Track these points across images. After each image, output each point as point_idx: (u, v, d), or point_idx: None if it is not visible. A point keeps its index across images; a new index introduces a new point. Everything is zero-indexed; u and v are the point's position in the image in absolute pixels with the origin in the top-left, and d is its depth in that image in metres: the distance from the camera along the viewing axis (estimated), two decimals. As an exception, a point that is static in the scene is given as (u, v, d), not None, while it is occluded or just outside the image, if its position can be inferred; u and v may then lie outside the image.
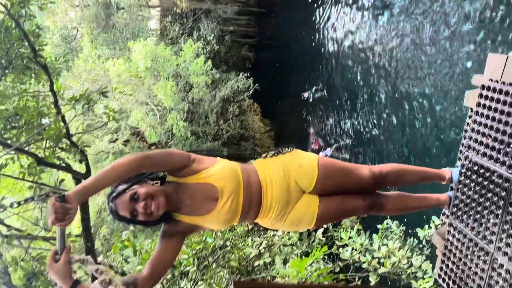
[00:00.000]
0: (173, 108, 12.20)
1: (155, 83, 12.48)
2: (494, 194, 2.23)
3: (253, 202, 2.04)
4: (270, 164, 2.12)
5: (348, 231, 4.73)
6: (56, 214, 1.55)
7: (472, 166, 2.38)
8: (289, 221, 2.12)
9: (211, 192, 1.96)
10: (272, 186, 2.05)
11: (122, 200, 1.84)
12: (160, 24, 16.56)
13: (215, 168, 1.99)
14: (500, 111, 2.19)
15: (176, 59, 12.83)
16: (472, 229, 2.37)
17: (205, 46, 14.39)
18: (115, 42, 14.34)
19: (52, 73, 5.74)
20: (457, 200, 2.50)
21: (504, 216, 2.16)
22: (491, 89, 2.25)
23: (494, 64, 2.24)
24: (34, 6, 6.14)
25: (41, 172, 4.89)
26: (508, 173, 2.14)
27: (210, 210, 1.97)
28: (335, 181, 2.16)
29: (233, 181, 1.98)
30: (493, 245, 2.22)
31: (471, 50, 7.03)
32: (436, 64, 7.89)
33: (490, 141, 2.26)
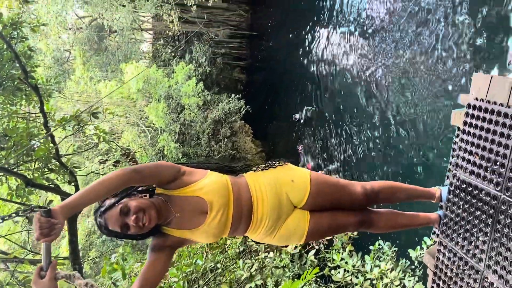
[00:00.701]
0: (165, 129, 12.20)
1: (146, 104, 12.51)
2: (482, 212, 2.24)
3: (243, 216, 2.02)
4: (262, 178, 2.10)
5: (340, 252, 4.71)
6: (41, 229, 1.51)
7: (461, 184, 2.40)
8: (279, 236, 2.11)
9: (200, 205, 1.95)
10: (263, 200, 2.04)
11: (112, 214, 1.80)
12: (152, 47, 16.73)
13: (205, 181, 1.98)
14: (486, 129, 2.23)
15: (168, 81, 12.91)
16: (462, 248, 2.37)
17: (197, 68, 14.52)
18: (107, 65, 14.41)
19: (43, 94, 5.73)
20: (446, 219, 2.51)
21: (493, 234, 2.17)
22: (477, 108, 2.29)
23: (479, 83, 2.29)
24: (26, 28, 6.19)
25: (30, 193, 4.83)
26: (496, 190, 2.16)
27: (199, 224, 1.95)
28: (327, 197, 2.16)
29: (223, 195, 1.96)
30: (483, 263, 2.22)
31: (457, 72, 7.19)
32: (424, 84, 8.04)
33: (477, 159, 2.29)
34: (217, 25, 17.20)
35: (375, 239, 4.92)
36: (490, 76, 2.22)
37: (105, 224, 1.83)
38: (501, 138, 2.14)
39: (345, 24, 11.55)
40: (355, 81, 10.69)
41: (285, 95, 15.09)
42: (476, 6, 6.82)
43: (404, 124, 8.58)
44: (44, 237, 1.52)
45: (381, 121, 9.38)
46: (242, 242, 5.15)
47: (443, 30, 7.59)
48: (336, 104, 11.66)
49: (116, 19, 13.39)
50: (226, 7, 17.46)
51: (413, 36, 8.45)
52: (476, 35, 6.81)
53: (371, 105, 9.83)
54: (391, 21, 9.29)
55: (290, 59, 14.94)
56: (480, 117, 2.27)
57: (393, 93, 9.03)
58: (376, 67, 9.81)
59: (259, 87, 17.05)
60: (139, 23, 16.06)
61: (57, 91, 10.37)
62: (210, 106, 14.21)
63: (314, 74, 13.19)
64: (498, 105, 2.15)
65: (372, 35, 10.10)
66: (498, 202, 2.15)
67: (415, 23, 8.40)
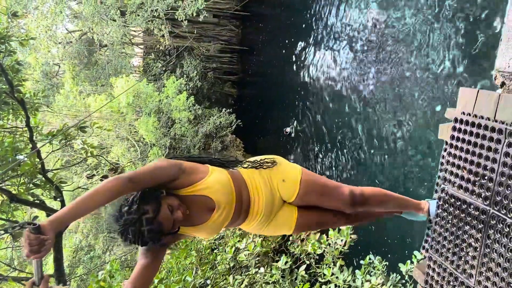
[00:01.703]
0: (155, 144, 12.12)
1: (136, 118, 12.44)
2: (471, 227, 2.22)
3: (243, 212, 2.15)
4: (257, 176, 2.21)
5: (331, 267, 4.66)
6: (31, 246, 1.48)
7: (449, 199, 2.39)
8: (269, 228, 2.27)
9: (207, 203, 2.00)
10: (259, 197, 2.16)
11: (164, 216, 1.83)
12: (143, 61, 16.73)
13: (209, 179, 2.02)
14: (474, 143, 2.22)
15: (159, 95, 12.88)
16: (451, 263, 2.35)
17: (187, 83, 14.53)
18: (97, 79, 14.36)
19: (30, 108, 5.66)
20: (435, 233, 2.49)
21: (482, 249, 2.15)
22: (463, 122, 2.29)
23: (466, 98, 2.29)
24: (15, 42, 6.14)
25: (15, 210, 4.73)
26: (484, 205, 2.15)
27: (205, 221, 2.01)
28: (313, 198, 2.27)
29: (227, 193, 2.04)
30: (473, 279, 2.19)
31: (443, 87, 7.27)
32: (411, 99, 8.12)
33: (465, 173, 2.28)
34: (208, 40, 17.29)
35: (366, 253, 4.88)
36: (477, 90, 2.22)
37: (158, 228, 1.80)
38: (488, 152, 2.13)
39: (334, 40, 11.71)
40: (344, 96, 10.79)
41: (276, 109, 15.14)
42: (462, 24, 6.94)
43: (392, 138, 8.63)
44: (34, 254, 1.49)
45: (370, 135, 9.43)
46: (232, 258, 5.09)
47: (429, 47, 7.70)
48: (326, 118, 11.73)
49: (107, 33, 13.40)
50: (217, 22, 17.58)
51: (401, 53, 8.57)
52: (462, 51, 6.92)
53: (360, 119, 9.90)
54: (379, 38, 9.43)
55: (281, 74, 15.03)
56: (467, 131, 2.26)
57: (382, 108, 9.11)
58: (364, 82, 9.92)
59: (250, 101, 17.09)
60: (130, 37, 16.08)
61: (45, 105, 10.29)
62: (201, 120, 14.19)
63: (304, 88, 13.28)
64: (485, 119, 2.16)
65: (360, 51, 10.24)
66: (487, 216, 2.14)
67: (402, 41, 8.53)
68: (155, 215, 1.79)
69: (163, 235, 1.84)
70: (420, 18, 8.00)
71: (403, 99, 8.40)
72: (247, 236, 5.31)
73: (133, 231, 1.77)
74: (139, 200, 1.82)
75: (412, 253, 4.40)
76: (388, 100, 8.96)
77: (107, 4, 13.52)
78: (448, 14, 7.30)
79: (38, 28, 12.76)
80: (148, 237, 1.79)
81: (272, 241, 5.33)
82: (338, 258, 4.76)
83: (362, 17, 10.26)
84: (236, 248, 5.10)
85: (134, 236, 1.77)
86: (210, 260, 5.14)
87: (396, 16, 8.82)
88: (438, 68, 7.45)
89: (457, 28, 7.05)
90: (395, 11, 8.83)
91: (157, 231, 1.80)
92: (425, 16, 7.87)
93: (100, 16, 13.44)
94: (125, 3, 13.55)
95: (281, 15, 15.84)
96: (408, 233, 8.01)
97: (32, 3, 13.37)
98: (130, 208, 1.79)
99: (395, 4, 8.90)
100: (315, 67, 12.76)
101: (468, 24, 6.80)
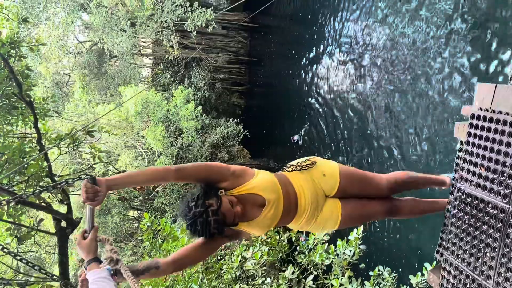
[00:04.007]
0: (162, 153, 12.12)
1: (145, 127, 12.47)
2: (489, 226, 2.14)
3: (291, 209, 2.30)
4: (300, 175, 2.38)
5: (339, 278, 4.55)
6: (87, 193, 1.74)
7: (466, 198, 2.31)
8: (316, 224, 2.42)
9: (257, 200, 2.19)
10: (304, 195, 2.32)
11: (226, 209, 2.05)
12: (152, 71, 16.85)
13: (257, 179, 2.21)
14: (492, 139, 2.15)
15: (167, 104, 12.92)
16: (468, 265, 2.26)
17: (195, 93, 14.57)
18: (107, 88, 14.46)
19: (39, 113, 5.66)
20: (451, 235, 2.40)
21: (501, 249, 2.06)
22: (481, 118, 2.22)
23: (483, 93, 2.23)
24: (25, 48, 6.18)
25: (21, 214, 4.70)
26: (503, 203, 2.07)
27: (256, 216, 2.20)
28: (354, 188, 2.44)
29: (275, 191, 2.21)
30: (491, 280, 2.10)
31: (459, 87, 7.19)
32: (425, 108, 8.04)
33: (483, 171, 2.20)
34: (216, 51, 17.41)
35: (375, 265, 4.77)
36: (495, 85, 2.16)
37: (222, 219, 2.03)
38: (507, 148, 2.06)
39: (341, 51, 11.75)
40: (351, 105, 10.79)
41: (283, 119, 15.14)
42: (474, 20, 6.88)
43: (404, 145, 8.53)
44: (89, 201, 1.75)
45: (379, 142, 9.36)
46: (238, 267, 5.01)
47: (440, 51, 7.64)
48: (333, 126, 11.73)
49: (117, 43, 13.51)
50: (225, 33, 17.72)
51: (410, 59, 8.53)
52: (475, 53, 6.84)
53: (368, 128, 9.84)
54: (386, 47, 9.42)
55: (288, 84, 15.06)
56: (485, 128, 2.19)
57: (392, 115, 9.04)
58: (372, 91, 9.88)
59: (257, 111, 17.09)
60: (139, 48, 16.23)
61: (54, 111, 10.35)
62: (209, 130, 14.20)
63: (311, 98, 13.29)
64: (504, 114, 2.09)
65: (367, 61, 10.25)
66: (506, 215, 2.05)
67: (411, 47, 8.50)
68: (218, 207, 2.02)
69: (226, 226, 2.07)
70: (429, 25, 7.97)
71: (413, 107, 8.34)
72: (254, 245, 5.23)
73: (201, 222, 2.00)
74: (203, 196, 2.04)
75: (421, 265, 4.29)
76: (397, 108, 8.90)
77: (117, 15, 13.68)
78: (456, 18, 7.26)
79: (49, 37, 12.91)
80: (214, 227, 2.02)
81: (279, 251, 5.24)
82: (346, 269, 4.66)
83: (369, 30, 10.30)
84: (243, 257, 5.03)
85: (202, 227, 2.01)
86: (216, 269, 5.07)
87: (404, 27, 8.81)
88: (450, 70, 7.36)
89: (469, 30, 6.99)
90: (403, 22, 8.82)
91: (221, 222, 2.03)
92: (434, 22, 7.84)
93: (110, 26, 13.58)
94: (136, 14, 13.69)
95: (289, 27, 15.92)
96: (418, 245, 7.86)
97: (44, 14, 13.57)
98: (196, 203, 2.02)
99: (403, 16, 8.90)
100: (322, 78, 12.78)
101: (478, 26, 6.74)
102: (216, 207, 2.02)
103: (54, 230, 4.52)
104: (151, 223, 5.08)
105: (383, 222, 8.93)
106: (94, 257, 1.83)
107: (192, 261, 2.15)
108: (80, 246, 1.85)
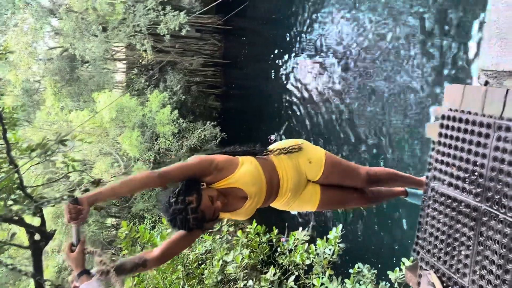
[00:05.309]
0: (139, 158, 11.94)
1: (120, 133, 12.26)
2: (463, 225, 2.18)
3: (273, 193, 2.39)
4: (286, 159, 2.43)
5: (320, 277, 4.58)
6: (70, 214, 1.82)
7: (439, 197, 2.34)
8: (295, 205, 2.54)
9: (239, 193, 2.24)
10: (287, 180, 2.40)
11: (206, 205, 2.08)
12: (126, 76, 16.59)
13: (239, 172, 2.23)
14: (462, 139, 2.19)
15: (142, 109, 12.75)
16: (444, 263, 2.29)
17: (171, 97, 14.43)
18: (79, 95, 14.15)
19: (8, 123, 5.49)
20: (426, 234, 2.44)
21: (475, 247, 2.10)
22: (451, 119, 2.26)
23: (452, 94, 2.27)
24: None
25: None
26: (476, 201, 2.11)
27: (239, 207, 2.27)
28: (336, 178, 2.54)
29: (257, 183, 2.26)
30: (467, 278, 2.14)
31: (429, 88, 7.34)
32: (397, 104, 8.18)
33: (455, 170, 2.24)
34: (191, 54, 17.28)
35: (354, 262, 4.82)
36: (463, 86, 2.20)
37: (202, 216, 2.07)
38: (477, 147, 2.10)
39: (315, 52, 11.88)
40: (325, 103, 10.95)
41: (260, 120, 15.16)
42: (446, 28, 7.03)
43: (378, 144, 8.65)
44: (73, 220, 1.83)
45: (352, 140, 9.48)
46: (220, 271, 4.98)
47: (410, 50, 7.79)
48: (309, 124, 11.85)
49: (88, 49, 13.25)
50: (199, 36, 17.60)
51: (382, 62, 8.68)
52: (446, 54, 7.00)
53: (345, 126, 9.97)
54: (357, 49, 9.57)
55: (264, 86, 15.10)
56: (455, 128, 2.23)
57: (366, 113, 9.17)
58: (346, 89, 10.03)
59: (234, 113, 17.08)
60: (112, 53, 15.96)
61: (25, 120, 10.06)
62: (186, 134, 14.08)
63: (287, 98, 13.37)
64: (473, 114, 2.13)
65: (340, 61, 10.41)
66: (479, 213, 2.09)
67: (383, 51, 8.65)
68: (198, 205, 2.05)
69: (205, 222, 2.11)
70: (400, 25, 8.12)
71: (387, 104, 8.47)
72: (235, 248, 5.21)
73: (180, 219, 2.05)
74: (184, 192, 2.06)
75: (399, 260, 4.37)
76: (368, 105, 9.06)
77: (88, 20, 13.42)
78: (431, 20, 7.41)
79: (18, 44, 12.57)
80: (193, 224, 2.06)
81: (260, 253, 5.23)
82: (327, 268, 4.69)
83: (343, 31, 10.44)
84: (224, 261, 5.00)
85: (182, 223, 2.06)
86: (197, 274, 5.02)
87: (376, 27, 8.95)
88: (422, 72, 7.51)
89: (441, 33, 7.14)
90: (376, 22, 8.97)
91: (200, 219, 2.07)
92: (406, 23, 7.99)
93: (81, 32, 13.31)
94: (107, 19, 13.46)
95: (263, 29, 15.97)
96: (395, 240, 7.99)
97: (12, 20, 13.20)
98: (176, 200, 2.05)
99: (375, 16, 9.04)
100: (297, 79, 12.89)
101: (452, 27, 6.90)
102: (195, 204, 2.05)
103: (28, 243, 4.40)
104: (129, 231, 5.00)
105: (360, 219, 9.04)
106: (83, 269, 1.89)
107: (176, 253, 2.26)
108: (68, 258, 1.92)
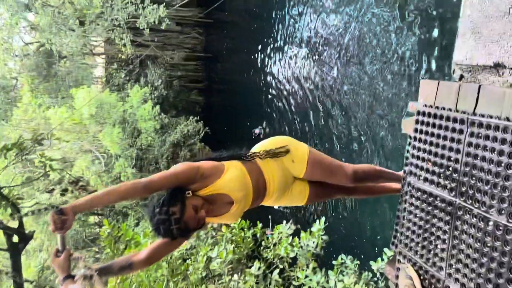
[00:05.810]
0: (120, 155, 11.79)
1: (100, 130, 12.07)
2: (439, 219, 2.21)
3: (260, 196, 2.45)
4: (272, 163, 2.49)
5: (304, 270, 4.62)
6: (55, 224, 1.84)
7: (415, 192, 2.37)
8: (286, 199, 2.62)
9: (225, 198, 2.27)
10: (274, 182, 2.47)
11: (189, 216, 2.08)
12: (105, 71, 16.33)
13: (225, 179, 2.26)
14: (437, 135, 2.21)
15: (123, 105, 12.56)
16: (421, 257, 2.32)
17: (152, 92, 14.26)
18: (57, 91, 13.87)
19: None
20: (404, 228, 2.47)
21: (451, 240, 2.13)
22: (426, 115, 2.28)
23: (427, 90, 2.29)
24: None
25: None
26: (450, 196, 2.14)
27: (226, 212, 2.31)
28: (319, 175, 2.60)
29: (244, 188, 2.30)
30: (443, 271, 2.17)
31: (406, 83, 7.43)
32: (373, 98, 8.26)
33: (430, 165, 2.27)
34: (172, 48, 17.08)
35: (338, 254, 4.88)
36: (437, 82, 2.21)
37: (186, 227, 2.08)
38: (452, 143, 2.12)
39: (297, 45, 11.87)
40: (308, 95, 10.98)
41: (244, 114, 15.13)
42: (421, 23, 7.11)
43: (360, 138, 8.73)
44: (58, 230, 1.86)
45: (338, 135, 9.53)
46: (204, 267, 4.97)
47: (389, 46, 7.86)
48: (293, 116, 11.89)
49: (66, 44, 12.98)
50: (180, 30, 17.39)
51: (362, 56, 8.74)
52: (421, 49, 7.08)
53: (328, 119, 10.01)
54: (339, 41, 9.61)
55: (246, 79, 15.04)
56: (430, 123, 2.25)
57: (347, 106, 9.23)
58: (328, 84, 10.06)
59: (217, 108, 17.00)
60: (90, 47, 15.67)
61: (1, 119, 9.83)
62: (168, 129, 13.95)
63: (270, 91, 13.36)
64: (447, 110, 2.15)
65: (321, 54, 10.43)
66: (454, 208, 2.12)
67: (364, 44, 8.70)
68: (181, 216, 2.06)
69: (189, 232, 2.13)
70: (379, 19, 8.17)
71: (365, 97, 8.54)
72: (219, 244, 5.21)
73: (164, 229, 2.06)
74: (168, 202, 2.07)
75: (381, 250, 4.44)
76: (349, 97, 9.13)
77: (65, 14, 13.13)
78: (406, 14, 7.47)
79: (-8, 40, 12.25)
80: (176, 234, 2.08)
81: (245, 247, 5.25)
82: (311, 260, 4.73)
83: (322, 22, 10.45)
84: (208, 257, 5.00)
85: (165, 233, 2.08)
86: (182, 271, 5.01)
87: (358, 20, 8.99)
88: (399, 67, 7.60)
89: (416, 27, 7.22)
90: (356, 15, 9.01)
91: (184, 229, 2.08)
92: (384, 16, 8.04)
93: (58, 26, 13.02)
94: (84, 13, 13.19)
95: (244, 22, 15.88)
96: (377, 231, 8.10)
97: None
98: (160, 210, 2.06)
99: (355, 9, 9.07)
100: (280, 72, 12.87)
101: (426, 22, 6.98)
102: (178, 215, 2.06)
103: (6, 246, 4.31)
104: (111, 230, 4.95)
105: (342, 210, 9.14)
106: (68, 274, 1.96)
107: (162, 256, 2.30)
108: (54, 264, 1.99)
